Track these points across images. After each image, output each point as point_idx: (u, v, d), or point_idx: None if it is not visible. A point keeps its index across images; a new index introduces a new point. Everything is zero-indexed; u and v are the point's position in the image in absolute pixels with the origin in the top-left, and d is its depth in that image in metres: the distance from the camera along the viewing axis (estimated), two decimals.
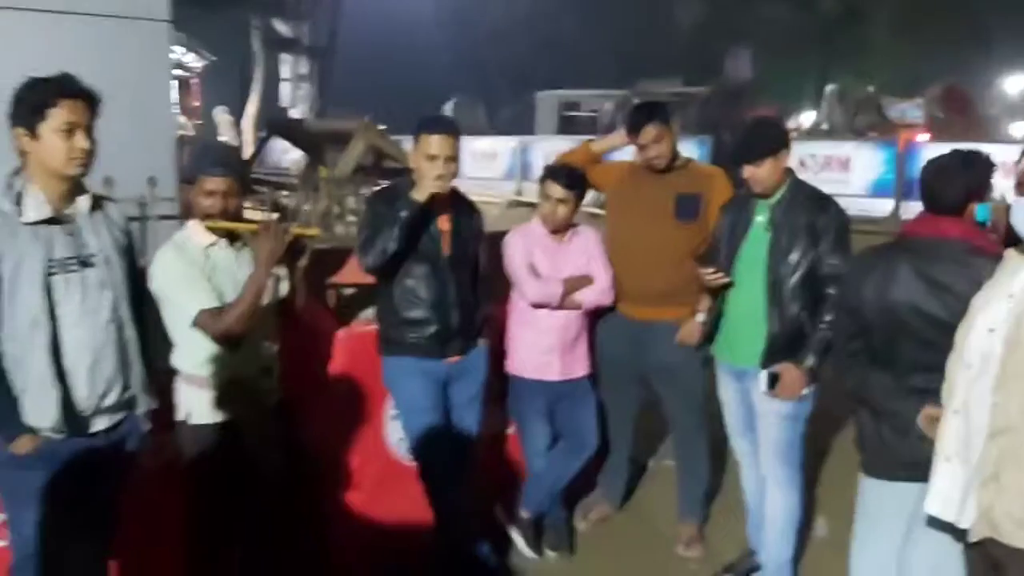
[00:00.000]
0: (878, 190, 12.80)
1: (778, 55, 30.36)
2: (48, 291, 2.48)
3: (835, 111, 19.55)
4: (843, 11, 29.73)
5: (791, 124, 25.21)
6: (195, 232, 2.97)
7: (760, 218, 3.45)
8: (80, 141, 2.49)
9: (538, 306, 3.70)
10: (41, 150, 2.48)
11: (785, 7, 30.41)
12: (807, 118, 26.47)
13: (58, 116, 2.46)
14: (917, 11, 28.15)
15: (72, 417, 2.54)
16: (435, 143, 3.29)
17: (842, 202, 3.55)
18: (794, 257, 3.33)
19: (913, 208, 12.40)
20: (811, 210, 3.35)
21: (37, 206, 2.49)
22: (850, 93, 20.01)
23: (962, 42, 26.73)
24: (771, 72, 29.13)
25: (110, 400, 2.63)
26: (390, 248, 3.26)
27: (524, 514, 3.88)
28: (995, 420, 2.27)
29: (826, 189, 3.58)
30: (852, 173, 13.13)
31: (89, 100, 2.51)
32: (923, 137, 16.31)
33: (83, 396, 2.56)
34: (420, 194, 3.25)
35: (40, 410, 2.49)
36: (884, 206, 12.39)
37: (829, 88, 21.38)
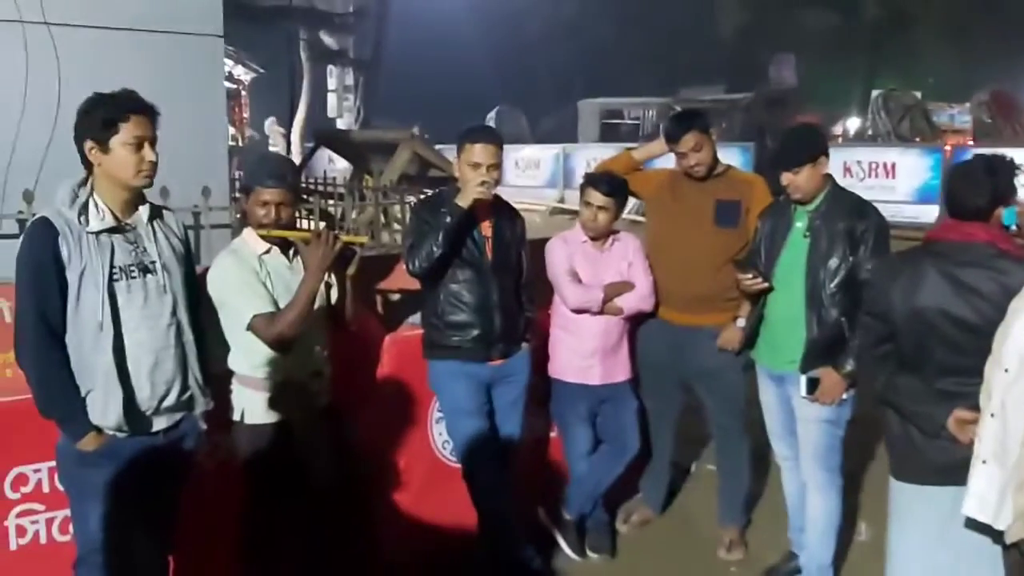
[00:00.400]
0: (924, 196, 12.61)
1: (825, 61, 30.07)
2: (112, 296, 2.59)
3: (880, 117, 19.32)
4: (890, 16, 29.37)
5: (837, 130, 24.95)
6: (251, 240, 3.08)
7: (799, 224, 3.48)
8: (148, 154, 2.62)
9: (579, 311, 3.76)
10: (111, 162, 2.59)
11: (831, 13, 30.12)
12: (853, 124, 26.17)
13: (129, 130, 2.58)
14: (965, 16, 27.72)
15: (134, 416, 2.66)
16: (478, 151, 3.39)
17: (888, 208, 3.57)
18: (833, 263, 3.36)
19: None
20: (850, 216, 3.38)
21: (100, 216, 2.61)
22: (896, 99, 19.73)
23: (1011, 47, 26.24)
24: (818, 78, 28.86)
25: (170, 400, 2.75)
26: (435, 253, 3.35)
27: (567, 516, 3.94)
28: None
29: (871, 195, 3.59)
30: (898, 179, 12.93)
31: (153, 115, 2.64)
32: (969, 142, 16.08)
33: (145, 396, 2.68)
34: (464, 200, 3.34)
35: (105, 409, 2.61)
36: (930, 212, 12.22)
37: (874, 94, 21.15)
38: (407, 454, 3.74)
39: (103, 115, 2.57)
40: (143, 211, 2.73)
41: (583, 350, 3.81)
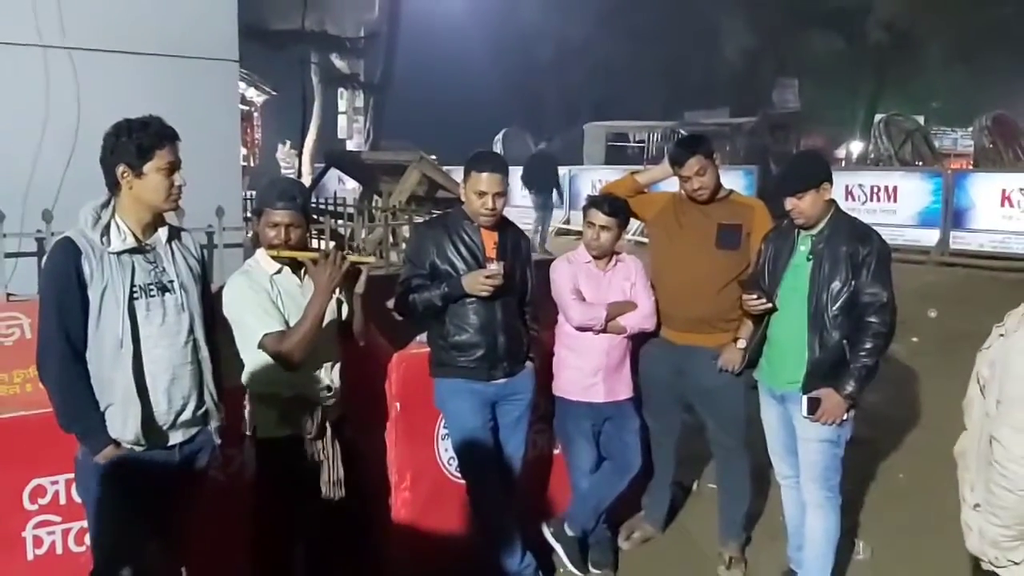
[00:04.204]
0: (925, 220, 12.65)
1: (828, 85, 30.22)
2: (132, 314, 2.68)
3: (882, 141, 19.44)
4: (894, 40, 29.52)
5: (840, 154, 25.07)
6: (262, 260, 3.16)
7: (803, 248, 3.56)
8: (177, 179, 2.73)
9: (582, 330, 3.84)
10: (144, 187, 2.70)
11: (835, 37, 30.29)
12: (856, 148, 26.31)
13: (163, 157, 2.69)
14: (969, 40, 27.85)
15: (152, 431, 2.74)
16: (484, 180, 3.48)
17: (889, 232, 3.63)
18: (835, 286, 3.43)
19: (960, 238, 12.34)
20: (853, 241, 3.45)
21: (122, 237, 2.70)
22: (897, 123, 19.85)
23: (1016, 71, 26.37)
24: (821, 102, 28.99)
25: (186, 415, 2.83)
26: (423, 311, 3.52)
27: (569, 532, 4.00)
28: None
29: (873, 219, 3.68)
30: (899, 203, 12.98)
31: (178, 141, 2.75)
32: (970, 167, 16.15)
33: (162, 411, 2.76)
34: (470, 288, 3.45)
35: (123, 424, 2.69)
36: (931, 236, 12.29)
37: (877, 118, 21.29)
38: (413, 470, 3.80)
39: (139, 142, 2.66)
40: (162, 232, 2.83)
41: (586, 369, 3.88)
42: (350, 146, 24.32)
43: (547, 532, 4.02)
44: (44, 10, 4.87)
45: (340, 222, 8.17)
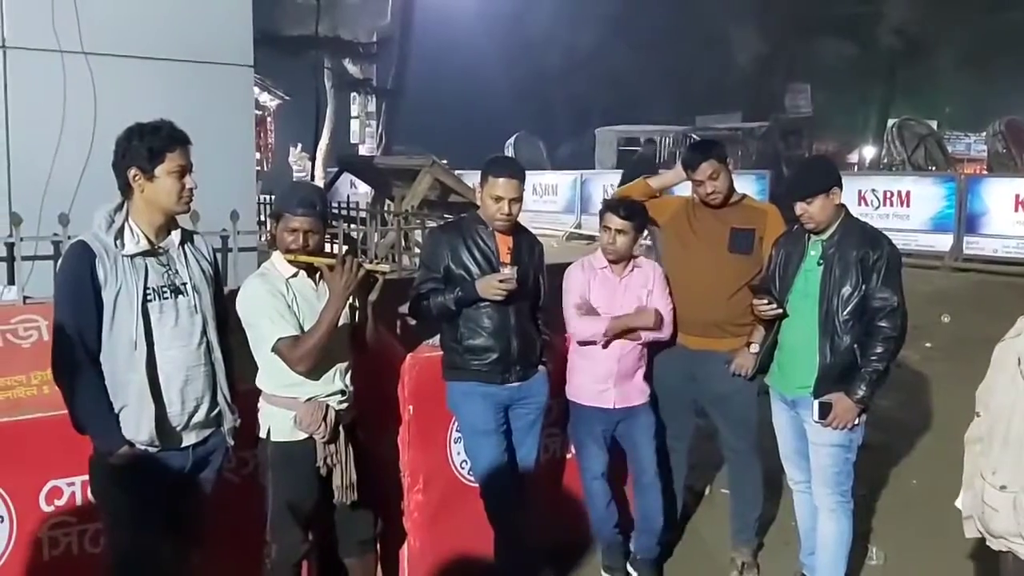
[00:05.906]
0: (938, 225, 12.57)
1: (841, 90, 30.17)
2: (145, 316, 2.71)
3: (894, 146, 19.39)
4: (906, 45, 29.46)
5: (852, 158, 25.01)
6: (279, 264, 3.17)
7: (813, 253, 3.56)
8: (188, 182, 2.76)
9: (585, 344, 3.83)
10: (155, 190, 2.73)
11: (847, 42, 30.25)
12: (869, 153, 26.26)
13: (174, 160, 2.72)
14: (982, 45, 27.76)
15: (165, 432, 2.77)
16: (501, 186, 3.50)
17: (902, 237, 3.64)
18: (846, 291, 3.43)
19: (973, 243, 12.30)
20: (863, 245, 3.45)
21: (136, 240, 2.73)
22: (910, 128, 19.80)
23: None
24: (834, 107, 28.95)
25: (199, 417, 2.85)
26: (441, 317, 3.53)
27: (638, 556, 4.01)
28: None
29: (886, 224, 3.68)
30: (912, 208, 12.91)
31: (189, 145, 2.78)
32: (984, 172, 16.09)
33: (176, 412, 2.79)
34: (484, 291, 3.46)
35: (137, 425, 2.71)
36: (944, 241, 12.22)
37: (889, 123, 21.25)
38: (426, 472, 3.80)
39: (150, 145, 2.69)
40: (175, 235, 2.86)
41: (598, 374, 3.86)
42: (362, 150, 24.50)
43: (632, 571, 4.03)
44: (62, 15, 4.92)
45: (352, 226, 8.20)
